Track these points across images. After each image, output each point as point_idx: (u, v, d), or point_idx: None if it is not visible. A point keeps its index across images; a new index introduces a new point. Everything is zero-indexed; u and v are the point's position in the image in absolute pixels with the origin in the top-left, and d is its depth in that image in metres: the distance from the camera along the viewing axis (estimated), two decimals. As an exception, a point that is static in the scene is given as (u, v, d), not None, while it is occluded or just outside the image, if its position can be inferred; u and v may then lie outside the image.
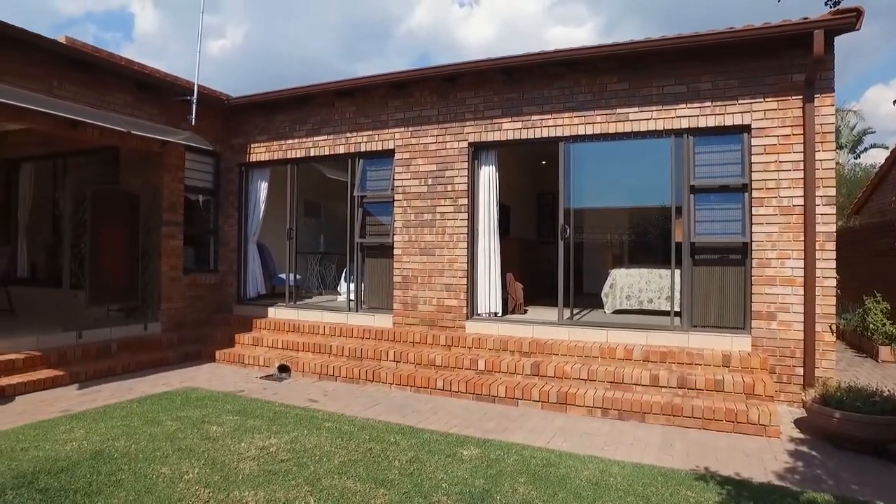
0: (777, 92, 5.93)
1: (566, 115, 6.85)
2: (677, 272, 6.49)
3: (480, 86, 7.31)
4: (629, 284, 7.79)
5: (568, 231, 7.00)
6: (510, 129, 7.14)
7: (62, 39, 7.49)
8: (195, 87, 8.18)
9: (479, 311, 7.41)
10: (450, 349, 7.01)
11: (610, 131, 6.66)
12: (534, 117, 7.02)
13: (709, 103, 6.19)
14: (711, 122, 6.19)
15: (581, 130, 6.79)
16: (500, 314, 7.43)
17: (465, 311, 7.30)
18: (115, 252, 7.60)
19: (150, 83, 7.99)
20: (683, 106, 6.30)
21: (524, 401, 5.89)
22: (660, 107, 6.40)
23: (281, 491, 3.57)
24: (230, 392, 6.19)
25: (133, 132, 7.08)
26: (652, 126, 6.43)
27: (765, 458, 4.45)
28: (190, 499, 3.44)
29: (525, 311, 7.97)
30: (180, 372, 7.21)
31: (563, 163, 6.96)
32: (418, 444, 4.56)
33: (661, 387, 5.66)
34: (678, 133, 6.38)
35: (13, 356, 6.27)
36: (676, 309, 6.51)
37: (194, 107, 8.17)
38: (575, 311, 7.32)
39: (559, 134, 6.90)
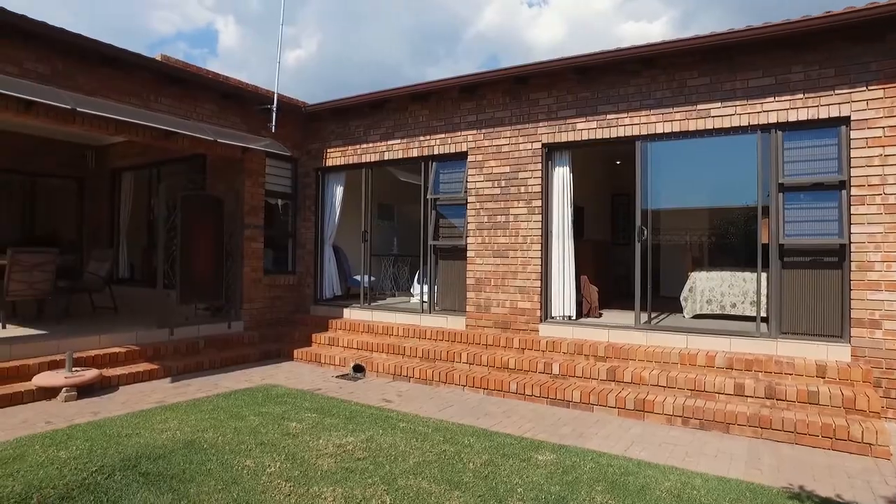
0: (883, 79, 5.46)
1: (643, 113, 6.63)
2: (763, 275, 6.12)
3: (553, 86, 7.21)
4: (710, 288, 7.44)
5: (645, 233, 6.77)
6: (585, 129, 6.99)
7: (158, 57, 8.03)
8: (275, 95, 8.54)
9: (552, 314, 7.29)
10: (523, 352, 6.94)
11: (690, 129, 6.38)
12: (609, 116, 6.84)
13: (800, 95, 5.81)
14: (803, 115, 5.80)
15: (659, 129, 6.55)
16: (574, 317, 7.29)
17: (538, 313, 7.21)
18: (203, 254, 8.05)
19: (233, 94, 8.42)
20: (771, 99, 5.94)
21: (600, 406, 5.74)
22: (744, 101, 6.07)
23: (358, 489, 3.64)
24: (308, 390, 6.40)
25: (219, 140, 7.48)
26: (736, 122, 6.11)
27: (872, 480, 4.09)
28: (272, 491, 3.57)
29: (600, 315, 7.77)
30: (261, 369, 7.53)
31: (639, 162, 6.74)
32: (492, 447, 4.53)
33: (747, 396, 5.36)
34: (765, 128, 6.03)
35: (117, 350, 6.79)
36: (763, 314, 6.14)
37: (274, 114, 8.53)
38: (652, 315, 7.07)
39: (636, 133, 6.68)
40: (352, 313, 8.91)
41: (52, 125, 6.61)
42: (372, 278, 9.40)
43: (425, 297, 8.32)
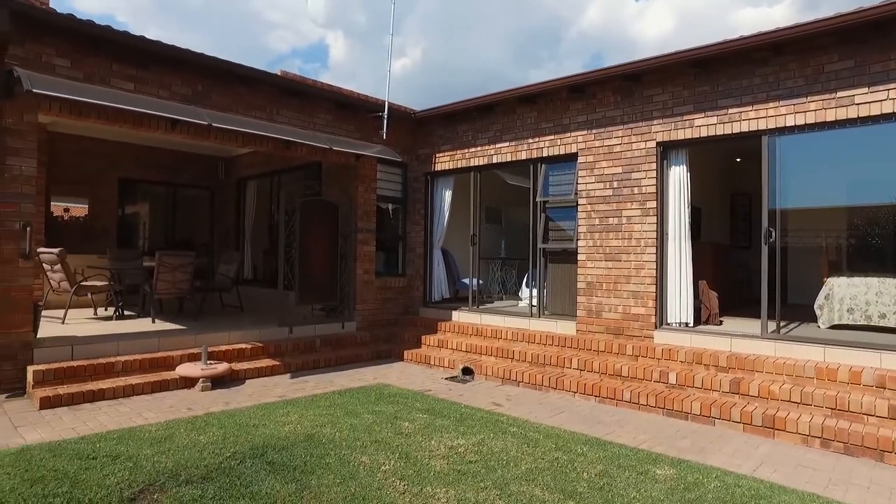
0: None
1: (770, 104, 6.12)
2: (922, 282, 5.42)
3: (668, 81, 6.86)
4: (852, 296, 6.71)
5: (773, 234, 6.24)
6: (703, 125, 6.59)
7: (278, 73, 8.59)
8: (386, 104, 8.84)
9: (668, 321, 6.93)
10: (637, 359, 6.65)
11: (827, 119, 5.79)
12: (731, 111, 6.38)
13: (970, 76, 5.07)
14: (976, 97, 5.05)
15: (789, 121, 6.01)
16: (691, 324, 6.87)
17: (653, 319, 6.88)
18: (319, 257, 8.48)
19: (347, 103, 8.82)
20: (934, 80, 5.23)
21: (722, 420, 5.36)
22: (899, 84, 5.40)
23: (471, 492, 3.65)
24: (418, 391, 6.53)
25: (334, 148, 7.87)
26: (888, 108, 5.43)
27: None
28: (387, 489, 3.66)
29: (720, 322, 7.27)
30: (373, 369, 7.79)
31: (766, 158, 6.23)
32: (606, 457, 4.37)
33: (904, 419, 4.76)
34: (925, 114, 5.32)
35: (243, 346, 7.32)
36: (921, 326, 5.44)
37: (385, 122, 8.82)
38: (781, 323, 6.50)
39: (761, 127, 6.18)
40: (460, 316, 9.00)
41: (191, 140, 7.31)
42: (480, 281, 9.44)
43: (534, 301, 8.21)
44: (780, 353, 5.94)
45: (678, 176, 6.96)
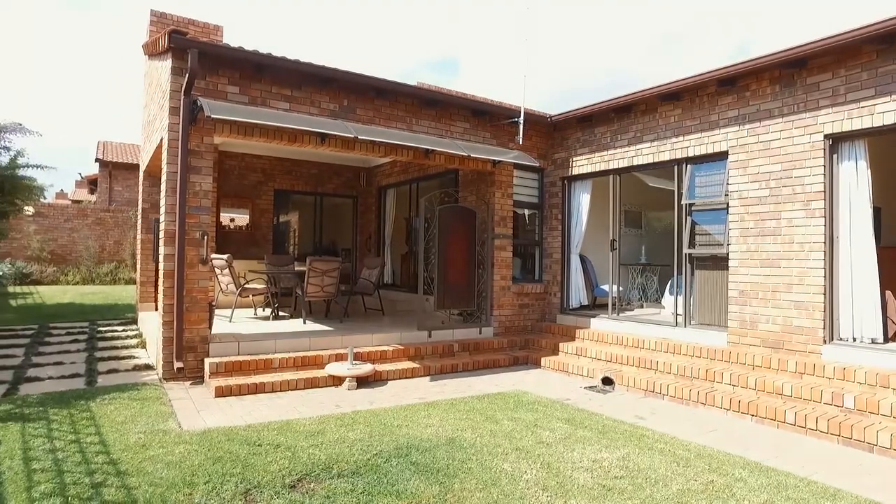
0: None
1: (980, 83, 5.20)
2: None
3: (840, 64, 6.10)
4: None
5: (982, 237, 5.29)
6: (888, 111, 5.75)
7: (416, 84, 8.92)
8: (521, 109, 8.81)
9: (841, 335, 6.14)
10: (801, 377, 5.97)
11: None
12: (927, 90, 5.51)
13: None
14: None
15: None
16: (876, 340, 6.01)
17: (820, 333, 6.14)
18: (457, 263, 8.64)
19: (482, 110, 8.92)
20: None
21: (918, 455, 4.63)
22: None
23: (618, 509, 3.49)
24: (557, 399, 6.39)
25: (472, 155, 7.98)
26: None
27: None
28: (530, 499, 3.61)
29: (910, 339, 6.30)
30: (510, 375, 7.76)
31: (973, 147, 5.31)
32: (770, 485, 3.96)
33: None
34: None
35: (385, 348, 7.66)
36: None
37: (521, 127, 8.80)
38: None
39: (968, 109, 5.28)
40: (599, 324, 8.69)
41: (338, 152, 7.82)
42: (619, 288, 9.06)
43: (679, 310, 7.71)
44: None
45: (852, 171, 6.15)
